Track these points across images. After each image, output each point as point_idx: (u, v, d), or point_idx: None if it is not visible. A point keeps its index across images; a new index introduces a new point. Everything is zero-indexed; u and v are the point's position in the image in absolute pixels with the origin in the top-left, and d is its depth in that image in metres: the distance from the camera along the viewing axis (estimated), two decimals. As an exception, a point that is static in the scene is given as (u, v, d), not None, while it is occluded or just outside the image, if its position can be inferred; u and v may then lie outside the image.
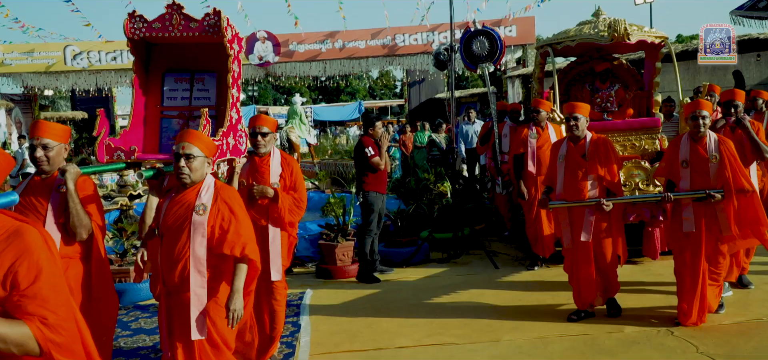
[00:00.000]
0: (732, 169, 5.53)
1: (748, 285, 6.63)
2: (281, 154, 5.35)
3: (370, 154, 7.95)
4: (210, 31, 4.85)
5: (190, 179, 3.86)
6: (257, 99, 46.01)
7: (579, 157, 5.99)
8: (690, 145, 5.75)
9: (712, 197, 5.51)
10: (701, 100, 5.91)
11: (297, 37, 22.19)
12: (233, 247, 3.84)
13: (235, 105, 5.01)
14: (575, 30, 8.28)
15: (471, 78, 43.24)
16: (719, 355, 5.04)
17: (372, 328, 6.19)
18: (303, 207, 5.36)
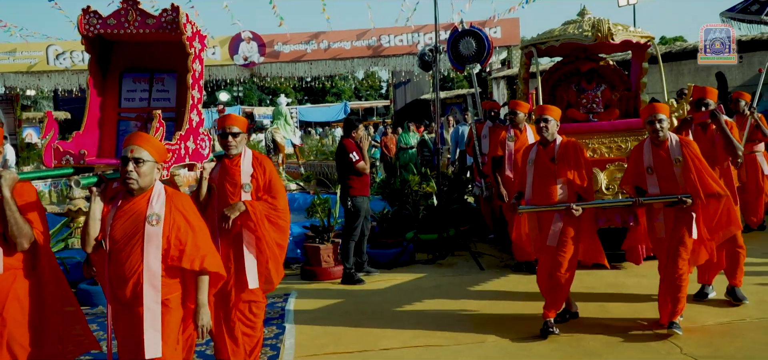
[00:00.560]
0: (697, 172, 5.38)
1: (743, 299, 6.21)
2: (253, 153, 5.03)
3: (354, 159, 7.91)
4: (168, 29, 4.60)
5: (138, 185, 3.63)
6: (242, 100, 45.84)
7: (548, 161, 5.78)
8: (652, 150, 5.61)
9: (684, 202, 5.35)
10: (657, 103, 5.80)
11: (282, 38, 22.13)
12: (193, 261, 3.66)
13: (196, 107, 4.75)
14: (560, 30, 8.14)
15: (456, 79, 43.34)
16: (703, 355, 5.06)
17: (357, 329, 6.16)
18: (285, 218, 4.92)
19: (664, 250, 5.57)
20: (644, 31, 8.22)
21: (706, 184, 5.36)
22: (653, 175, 5.55)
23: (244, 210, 4.76)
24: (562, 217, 5.64)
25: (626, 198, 6.02)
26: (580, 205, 5.58)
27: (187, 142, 4.60)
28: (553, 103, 8.63)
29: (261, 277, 4.92)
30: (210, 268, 3.72)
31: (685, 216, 5.43)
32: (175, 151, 4.39)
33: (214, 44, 22.60)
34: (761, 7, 10.18)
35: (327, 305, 7.07)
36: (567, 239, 5.62)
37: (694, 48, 19.05)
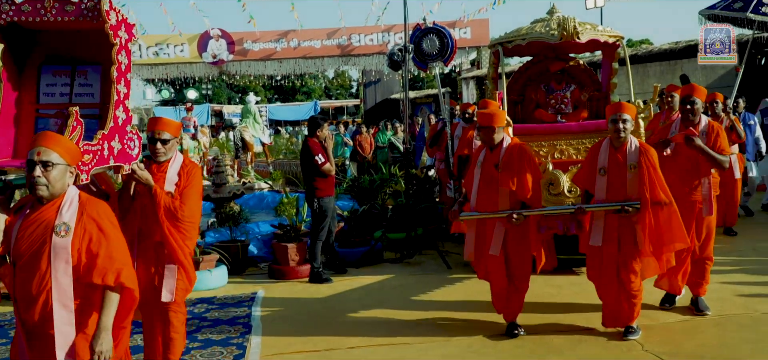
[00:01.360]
0: (650, 180, 5.18)
1: (705, 310, 5.98)
2: (184, 161, 4.67)
3: (320, 161, 7.87)
4: (89, 16, 4.12)
5: (48, 192, 3.22)
6: (211, 98, 45.40)
7: (492, 167, 5.56)
8: (609, 151, 5.38)
9: (626, 210, 5.19)
10: (623, 102, 5.59)
11: (251, 36, 22.03)
12: (105, 274, 3.24)
13: (122, 103, 4.33)
14: (527, 29, 7.94)
15: (427, 79, 43.44)
16: (664, 352, 5.14)
17: (324, 328, 6.16)
18: (187, 225, 4.49)
19: (604, 259, 5.38)
20: (613, 30, 8.06)
21: (655, 194, 5.19)
22: (604, 178, 5.35)
23: (152, 185, 4.37)
24: (504, 224, 5.48)
25: (568, 205, 5.89)
26: (520, 212, 5.39)
27: (112, 142, 4.14)
28: (521, 104, 8.65)
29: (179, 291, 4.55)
30: (126, 283, 3.30)
31: (629, 225, 5.27)
32: (97, 151, 3.94)
33: (183, 41, 22.41)
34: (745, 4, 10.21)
35: (294, 304, 7.06)
36: (514, 245, 5.53)
37: (659, 51, 19.41)
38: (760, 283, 6.98)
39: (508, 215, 5.37)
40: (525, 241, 5.57)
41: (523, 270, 5.63)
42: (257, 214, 12.01)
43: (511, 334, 5.61)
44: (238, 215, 9.11)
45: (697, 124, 5.85)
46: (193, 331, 6.10)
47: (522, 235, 5.52)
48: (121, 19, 4.29)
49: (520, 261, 5.61)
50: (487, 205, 5.57)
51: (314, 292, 7.50)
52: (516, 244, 5.54)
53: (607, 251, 5.36)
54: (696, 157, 5.75)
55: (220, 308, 6.91)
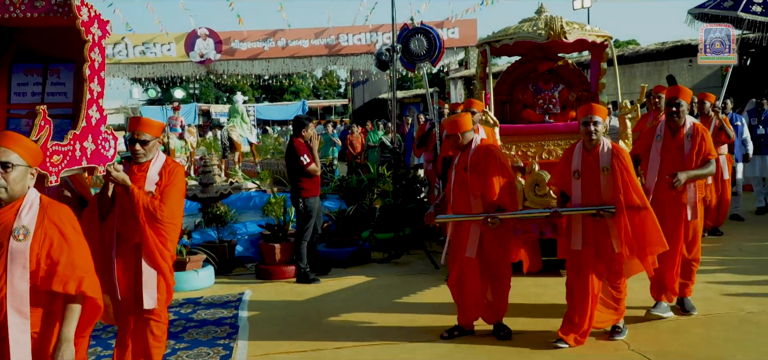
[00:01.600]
0: (623, 183, 5.11)
1: (691, 310, 6.01)
2: (166, 160, 4.50)
3: (305, 162, 7.84)
4: (59, 12, 3.94)
5: (7, 194, 3.07)
6: (198, 97, 45.30)
7: (462, 170, 5.52)
8: (582, 154, 5.31)
9: (602, 214, 5.12)
10: (594, 104, 5.48)
11: (239, 35, 21.97)
12: (66, 282, 3.08)
13: (95, 102, 4.13)
14: (515, 28, 7.84)
15: (415, 79, 43.46)
16: (650, 352, 5.17)
17: (312, 328, 6.15)
18: (168, 227, 4.32)
19: (582, 263, 5.29)
20: (601, 30, 7.98)
21: (629, 198, 5.11)
22: (579, 180, 5.29)
23: (129, 185, 4.23)
24: (480, 227, 5.43)
25: (544, 209, 5.75)
26: (495, 215, 5.31)
27: (84, 143, 3.93)
28: (510, 104, 8.61)
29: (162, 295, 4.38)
30: (88, 292, 3.14)
31: (605, 229, 5.20)
32: (68, 152, 3.74)
33: (170, 40, 22.32)
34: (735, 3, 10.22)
35: (281, 305, 7.03)
36: (491, 247, 5.47)
37: (646, 51, 19.51)
38: (745, 282, 7.02)
39: (484, 218, 5.32)
40: (503, 244, 5.51)
41: (502, 272, 5.57)
42: (244, 214, 11.96)
43: (499, 335, 5.59)
44: (226, 215, 9.09)
45: (683, 125, 5.82)
46: (179, 332, 6.08)
47: (499, 237, 5.46)
48: (94, 15, 4.10)
49: (498, 264, 5.54)
50: (462, 208, 5.51)
51: (301, 293, 7.48)
52: (493, 247, 5.48)
53: (585, 255, 5.27)
54: (681, 159, 5.73)
55: (207, 309, 6.88)
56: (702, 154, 5.74)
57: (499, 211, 5.36)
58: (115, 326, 4.65)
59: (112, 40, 22.76)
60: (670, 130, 5.87)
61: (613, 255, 5.21)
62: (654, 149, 5.94)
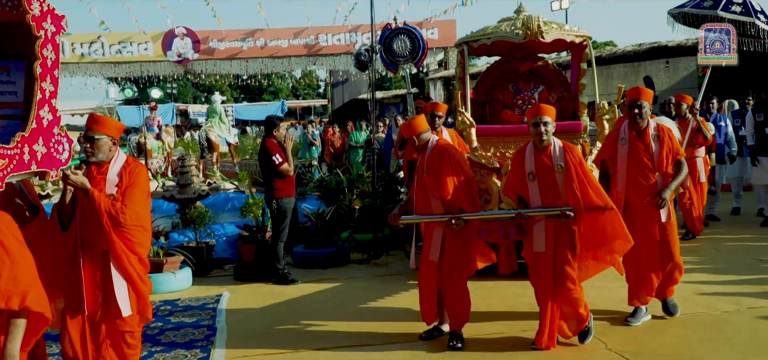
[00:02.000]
0: (579, 181, 5.06)
1: (674, 311, 5.93)
2: (126, 160, 4.30)
3: (277, 162, 7.76)
4: (8, 6, 3.79)
5: None
6: (176, 97, 44.92)
7: (420, 171, 5.48)
8: (534, 155, 5.25)
9: (566, 215, 5.04)
10: (542, 104, 5.38)
11: (217, 35, 21.87)
12: (9, 298, 2.93)
13: (48, 102, 3.90)
14: (493, 28, 7.72)
15: (394, 79, 43.48)
16: (627, 351, 5.20)
17: (290, 330, 6.12)
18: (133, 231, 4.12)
19: (541, 265, 5.24)
20: (580, 30, 7.87)
21: (587, 195, 5.06)
22: (535, 182, 5.21)
23: (88, 188, 4.04)
24: (443, 229, 5.36)
25: (509, 210, 5.63)
26: (459, 217, 5.22)
27: (34, 146, 3.68)
28: (489, 104, 8.52)
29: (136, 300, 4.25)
30: (32, 307, 2.98)
31: (566, 230, 5.14)
32: (15, 156, 3.47)
33: (147, 39, 22.15)
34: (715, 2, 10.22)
35: (260, 306, 6.99)
36: (451, 251, 5.36)
37: (623, 52, 19.67)
38: (721, 282, 7.09)
39: (448, 220, 5.25)
40: (465, 248, 5.39)
41: (462, 277, 5.44)
42: (223, 215, 11.92)
43: (449, 344, 5.40)
44: (204, 216, 9.02)
45: (646, 127, 5.75)
46: (156, 335, 6.02)
47: (462, 241, 5.35)
48: (47, 10, 3.85)
49: (458, 268, 5.40)
50: (425, 210, 5.45)
51: (280, 295, 7.44)
52: (455, 251, 5.36)
53: (546, 257, 5.21)
54: (651, 161, 5.68)
55: (185, 311, 6.83)
56: (672, 153, 5.72)
57: (463, 212, 5.29)
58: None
59: (88, 38, 22.56)
60: (635, 132, 5.79)
61: (572, 256, 5.16)
62: (621, 153, 5.82)
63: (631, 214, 5.64)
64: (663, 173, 5.69)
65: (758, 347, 5.20)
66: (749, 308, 6.13)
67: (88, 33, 22.74)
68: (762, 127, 9.94)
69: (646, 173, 5.68)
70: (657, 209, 5.59)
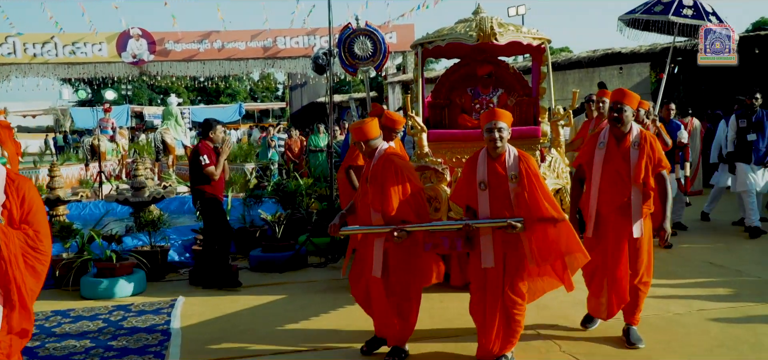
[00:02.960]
0: (532, 192, 4.76)
1: (637, 343, 5.37)
2: (7, 174, 3.56)
3: (204, 162, 7.61)
4: None
5: None
6: (131, 99, 44.24)
7: (364, 180, 5.17)
8: (487, 163, 4.90)
9: (513, 227, 4.70)
10: (497, 109, 4.99)
11: (173, 36, 21.61)
12: None
13: None
14: (449, 29, 7.43)
15: (353, 83, 43.47)
16: (581, 353, 5.26)
17: (245, 333, 6.06)
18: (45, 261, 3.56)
19: (489, 282, 4.90)
20: (539, 33, 7.60)
21: (540, 206, 4.74)
22: (486, 192, 4.85)
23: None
24: (384, 243, 5.04)
25: (456, 221, 5.28)
26: (403, 228, 4.89)
27: None
28: (448, 108, 8.21)
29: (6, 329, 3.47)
30: None
31: (517, 244, 4.84)
32: None
33: (101, 40, 21.77)
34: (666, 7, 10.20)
35: (215, 310, 6.89)
36: (392, 268, 5.07)
37: (578, 59, 20.00)
38: (672, 284, 7.22)
39: (391, 231, 4.91)
40: (409, 263, 5.10)
41: (407, 293, 5.15)
42: (178, 219, 11.77)
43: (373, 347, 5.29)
44: (158, 220, 8.87)
45: (628, 132, 5.32)
46: (108, 340, 5.91)
47: (406, 255, 5.06)
48: None
49: (405, 284, 5.13)
50: (367, 221, 5.14)
51: (236, 299, 7.36)
52: (398, 266, 5.08)
53: (494, 273, 4.89)
54: (627, 171, 5.24)
55: (138, 316, 6.71)
56: (652, 164, 5.25)
57: (406, 223, 4.97)
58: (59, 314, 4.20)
59: (41, 39, 22.12)
60: (615, 138, 5.34)
61: (522, 272, 4.89)
62: (597, 158, 5.39)
63: (603, 226, 5.36)
64: (638, 185, 5.22)
65: (708, 349, 5.31)
66: (700, 310, 6.26)
67: (40, 33, 22.28)
68: (744, 134, 9.68)
69: (619, 183, 5.25)
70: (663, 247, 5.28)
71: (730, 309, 6.29)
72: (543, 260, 4.88)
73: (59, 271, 7.95)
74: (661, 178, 5.29)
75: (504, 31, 7.16)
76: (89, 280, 7.59)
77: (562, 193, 7.26)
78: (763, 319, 5.95)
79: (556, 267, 4.99)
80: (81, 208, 13.22)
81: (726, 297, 6.70)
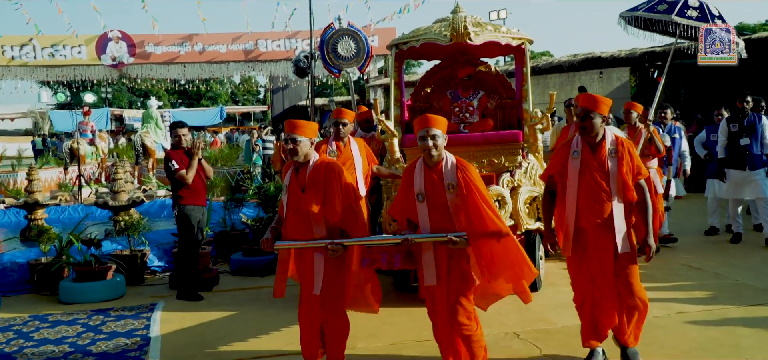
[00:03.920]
0: (472, 204, 4.40)
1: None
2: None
3: (173, 167, 7.41)
4: None
5: None
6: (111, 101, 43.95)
7: (299, 190, 4.64)
8: (424, 172, 4.52)
9: (454, 242, 4.38)
10: (430, 115, 4.60)
11: (153, 38, 21.49)
12: None
13: None
14: (425, 29, 7.12)
15: (335, 86, 43.44)
16: (561, 355, 5.30)
17: (226, 338, 6.03)
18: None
19: (436, 299, 4.58)
20: (520, 32, 7.30)
21: (480, 220, 4.40)
22: (424, 204, 4.50)
23: None
24: (322, 256, 4.61)
25: (394, 235, 4.85)
26: (340, 242, 4.50)
27: None
28: (428, 111, 7.67)
29: None
30: None
31: (461, 259, 4.50)
32: None
33: (80, 42, 21.61)
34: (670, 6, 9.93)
35: (195, 315, 6.85)
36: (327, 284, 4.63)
37: (559, 63, 20.13)
38: (651, 287, 7.14)
39: (326, 245, 4.50)
40: (342, 278, 4.69)
41: (339, 311, 4.76)
42: (158, 223, 11.69)
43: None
44: (138, 224, 8.81)
45: (603, 139, 4.86)
46: (87, 345, 5.86)
47: (340, 270, 4.66)
48: None
49: (337, 298, 4.71)
50: (300, 235, 4.65)
51: (216, 303, 7.33)
52: (333, 281, 4.66)
53: (439, 290, 4.56)
54: (605, 180, 4.79)
55: (117, 320, 6.65)
56: (632, 172, 4.85)
57: (343, 236, 4.61)
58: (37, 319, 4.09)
59: (20, 41, 21.91)
60: (589, 146, 4.89)
61: (465, 287, 4.53)
62: (571, 168, 4.91)
63: (583, 242, 4.91)
64: (621, 197, 4.81)
65: (687, 351, 5.36)
66: (678, 313, 6.32)
67: (19, 35, 22.06)
68: (736, 138, 9.46)
69: (599, 194, 4.80)
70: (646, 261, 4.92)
71: (709, 312, 6.35)
72: (491, 277, 4.57)
73: (37, 275, 7.86)
74: (640, 188, 4.89)
75: (481, 30, 6.91)
76: (68, 285, 7.52)
77: (538, 201, 7.01)
78: (741, 322, 6.01)
79: (508, 280, 4.67)
80: (60, 211, 13.09)
81: (704, 300, 6.77)
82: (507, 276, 4.63)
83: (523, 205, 6.93)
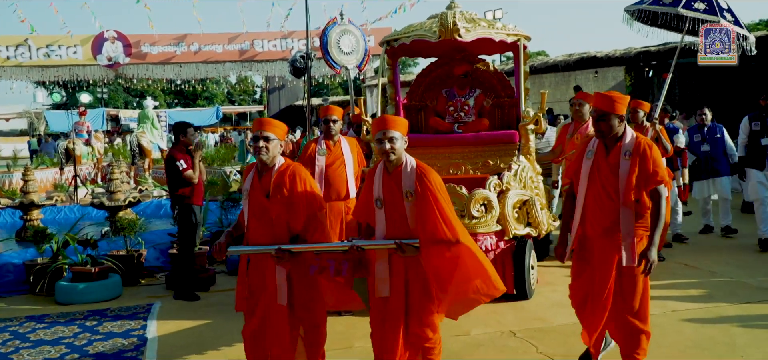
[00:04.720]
0: (425, 210, 4.05)
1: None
2: None
3: (181, 167, 7.45)
4: None
5: None
6: (107, 102, 43.88)
7: (263, 197, 4.29)
8: (383, 177, 4.23)
9: (402, 250, 4.05)
10: (388, 116, 4.29)
11: (149, 38, 21.47)
12: None
13: None
14: (418, 25, 6.90)
15: (331, 86, 43.46)
16: (557, 354, 5.31)
17: (223, 338, 6.03)
18: None
19: (388, 313, 4.21)
20: (516, 28, 7.11)
21: (435, 227, 4.02)
22: (382, 210, 4.21)
23: None
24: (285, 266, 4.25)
25: (341, 242, 4.43)
26: (288, 248, 4.14)
27: None
28: (424, 111, 7.91)
29: None
30: None
31: (418, 269, 4.15)
32: None
33: (76, 42, 21.57)
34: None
35: (192, 315, 6.86)
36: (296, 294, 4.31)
37: (554, 62, 20.17)
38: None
39: (275, 251, 4.13)
40: (312, 285, 4.38)
41: (314, 319, 4.43)
42: (155, 223, 11.69)
43: None
44: (134, 224, 8.80)
45: (620, 139, 4.48)
46: (83, 346, 5.86)
47: (308, 277, 4.32)
48: None
49: (310, 309, 4.40)
50: (260, 241, 4.30)
51: (213, 303, 7.33)
52: (302, 289, 4.34)
53: (394, 302, 4.21)
54: (614, 184, 4.43)
55: (114, 321, 6.65)
56: (646, 176, 4.39)
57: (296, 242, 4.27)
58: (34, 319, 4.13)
59: (15, 41, 21.86)
60: (604, 146, 4.55)
61: (426, 299, 4.19)
62: (583, 170, 4.61)
63: (588, 250, 4.61)
64: (628, 204, 4.41)
65: (683, 349, 5.39)
66: (674, 311, 6.34)
67: (14, 35, 22.02)
68: (757, 137, 9.10)
69: (606, 201, 4.46)
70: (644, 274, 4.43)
71: (704, 310, 6.37)
72: (442, 289, 4.18)
73: (33, 276, 7.86)
74: (655, 194, 4.44)
75: (473, 26, 6.70)
76: (64, 285, 7.52)
77: (529, 205, 6.78)
78: (737, 320, 6.03)
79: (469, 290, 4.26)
80: (56, 212, 13.09)
81: (700, 298, 6.79)
82: (462, 289, 4.23)
83: (511, 210, 6.57)
